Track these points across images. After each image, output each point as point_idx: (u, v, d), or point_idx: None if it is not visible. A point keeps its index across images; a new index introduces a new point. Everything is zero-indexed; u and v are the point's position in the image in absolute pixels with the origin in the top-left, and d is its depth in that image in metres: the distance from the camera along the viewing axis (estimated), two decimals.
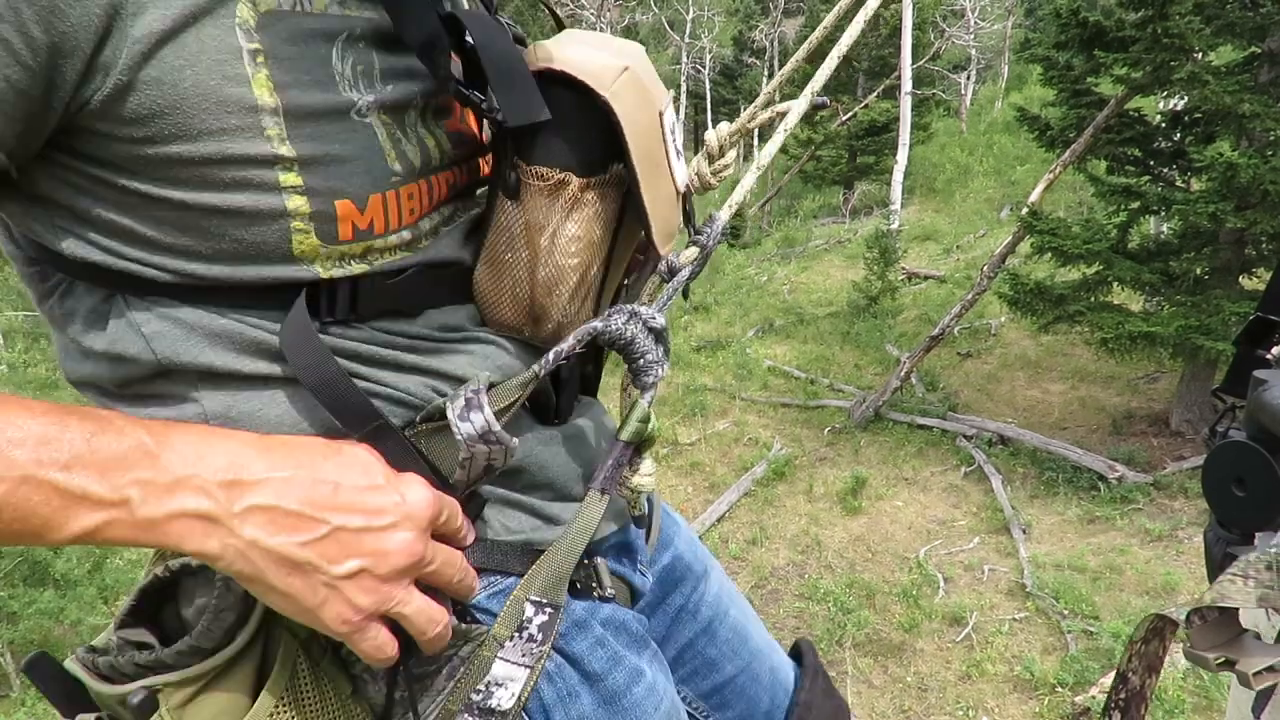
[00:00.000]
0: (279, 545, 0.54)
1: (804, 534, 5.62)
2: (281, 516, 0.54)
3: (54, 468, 0.49)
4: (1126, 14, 5.66)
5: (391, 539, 0.57)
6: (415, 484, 0.60)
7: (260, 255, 0.60)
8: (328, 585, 0.56)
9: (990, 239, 11.95)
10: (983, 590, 4.72)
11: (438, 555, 0.61)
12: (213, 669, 0.60)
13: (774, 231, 17.92)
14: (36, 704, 6.50)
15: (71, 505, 0.50)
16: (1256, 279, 5.78)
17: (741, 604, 1.01)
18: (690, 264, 0.74)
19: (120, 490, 0.51)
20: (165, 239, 0.59)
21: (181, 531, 0.52)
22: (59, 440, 0.50)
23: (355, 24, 0.61)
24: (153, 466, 0.52)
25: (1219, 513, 0.84)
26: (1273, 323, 0.95)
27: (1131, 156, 6.13)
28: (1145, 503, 5.31)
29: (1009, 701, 3.84)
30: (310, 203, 0.59)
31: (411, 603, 0.60)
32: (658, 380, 0.70)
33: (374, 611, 0.58)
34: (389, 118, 0.63)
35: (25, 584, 7.06)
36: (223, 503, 0.53)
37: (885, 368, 8.32)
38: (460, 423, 0.62)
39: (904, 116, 13.61)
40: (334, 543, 0.56)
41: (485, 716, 0.68)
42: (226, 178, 0.57)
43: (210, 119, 0.55)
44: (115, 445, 0.51)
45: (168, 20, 0.53)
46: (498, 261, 0.70)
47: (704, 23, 24.81)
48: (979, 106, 22.83)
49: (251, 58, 0.56)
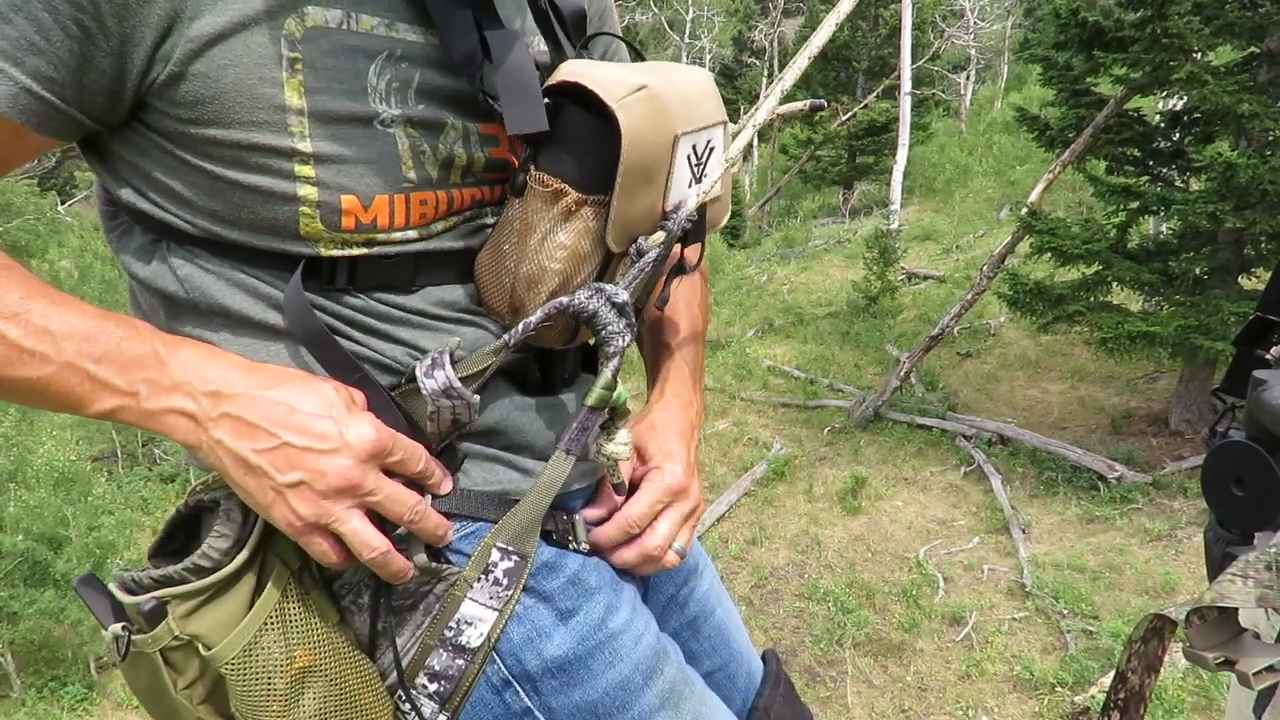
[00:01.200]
0: (237, 448, 0.66)
1: (804, 534, 5.62)
2: (244, 426, 0.66)
3: (90, 359, 0.64)
4: (1126, 14, 5.67)
5: (329, 461, 0.66)
6: (364, 422, 0.68)
7: (271, 230, 0.69)
8: (275, 490, 0.66)
9: (990, 239, 11.96)
10: (982, 590, 4.73)
11: (382, 489, 0.68)
12: (212, 585, 0.69)
13: (774, 231, 17.92)
14: (37, 704, 6.50)
15: (99, 389, 0.65)
16: (1256, 279, 5.78)
17: (728, 606, 1.04)
18: (657, 247, 0.76)
19: (133, 384, 0.65)
20: (198, 200, 0.69)
21: (172, 424, 0.67)
22: (98, 338, 0.65)
23: (399, 45, 0.70)
24: (160, 370, 0.66)
25: (1219, 513, 0.84)
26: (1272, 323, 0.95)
27: (1131, 156, 6.13)
28: (1145, 502, 5.31)
29: (1009, 701, 3.85)
30: (319, 193, 0.68)
31: (348, 523, 0.68)
32: (619, 350, 0.76)
33: (314, 521, 0.67)
34: (417, 131, 0.71)
35: (25, 584, 7.06)
36: (205, 407, 0.66)
37: (885, 368, 8.32)
38: (425, 379, 0.71)
39: (904, 116, 13.61)
40: (281, 455, 0.66)
41: (457, 653, 0.75)
42: (251, 161, 0.67)
43: (243, 111, 0.65)
44: (137, 349, 0.66)
45: (219, 25, 0.63)
46: (496, 249, 0.77)
47: (704, 23, 24.81)
48: (979, 106, 22.83)
49: (290, 64, 0.65)
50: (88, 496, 7.98)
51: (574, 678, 0.78)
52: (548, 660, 0.77)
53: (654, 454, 0.88)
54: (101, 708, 6.48)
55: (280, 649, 0.70)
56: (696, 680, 0.89)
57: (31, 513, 7.36)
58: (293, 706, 0.71)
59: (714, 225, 0.88)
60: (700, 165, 0.78)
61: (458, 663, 0.75)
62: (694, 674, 0.90)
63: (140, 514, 9.34)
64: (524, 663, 0.77)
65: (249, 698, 0.70)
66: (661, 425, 0.90)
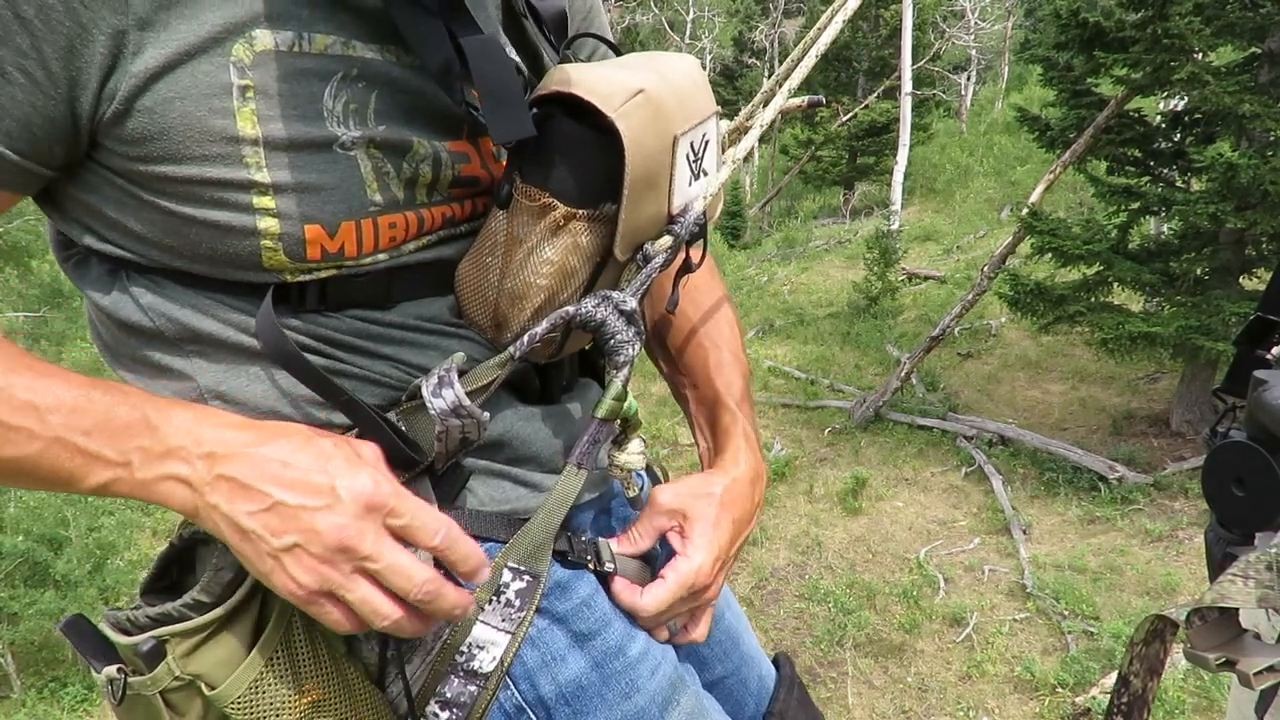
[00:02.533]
0: (231, 512, 0.61)
1: (804, 534, 5.62)
2: (238, 487, 0.61)
3: (79, 432, 0.60)
4: (1126, 14, 5.66)
5: (322, 518, 0.60)
6: (361, 474, 0.62)
7: (233, 263, 0.66)
8: (271, 555, 0.61)
9: (990, 239, 11.95)
10: (983, 591, 4.72)
11: (382, 556, 0.61)
12: (213, 621, 0.66)
13: (774, 232, 17.91)
14: (37, 704, 6.50)
15: (90, 463, 0.61)
16: (1256, 279, 5.77)
17: (737, 610, 1.03)
18: (664, 251, 0.74)
19: (125, 454, 0.61)
20: (152, 237, 0.65)
21: (167, 491, 0.62)
22: (86, 409, 0.61)
23: (354, 64, 0.66)
24: (152, 436, 0.62)
25: (1219, 513, 0.84)
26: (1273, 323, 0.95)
27: (1131, 157, 6.12)
28: (1145, 503, 5.30)
29: (1009, 702, 3.84)
30: (280, 224, 0.64)
31: (355, 591, 0.62)
32: (629, 359, 0.73)
33: (317, 589, 0.61)
34: (380, 152, 0.67)
35: (25, 584, 7.06)
36: (200, 471, 0.61)
37: (885, 368, 8.32)
38: (433, 399, 0.67)
39: (904, 117, 13.60)
40: (275, 515, 0.61)
41: (469, 679, 0.72)
42: (206, 196, 0.63)
43: (194, 145, 0.61)
44: (126, 415, 0.62)
45: (162, 58, 0.59)
46: (479, 262, 0.73)
47: (704, 23, 24.81)
48: (979, 107, 22.83)
49: (240, 93, 0.61)
50: (88, 497, 7.97)
51: (588, 705, 0.74)
52: (563, 685, 0.74)
53: (693, 535, 0.81)
54: (101, 708, 6.48)
55: (287, 686, 0.68)
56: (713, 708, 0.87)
57: (31, 513, 7.37)
58: None
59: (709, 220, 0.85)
60: (698, 161, 0.76)
61: (470, 689, 0.72)
62: (711, 702, 0.88)
63: (140, 514, 9.34)
64: (538, 688, 0.74)
65: None
66: (723, 506, 0.83)
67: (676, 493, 0.83)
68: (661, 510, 0.83)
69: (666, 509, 0.82)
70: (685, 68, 0.76)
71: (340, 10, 0.65)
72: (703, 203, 0.76)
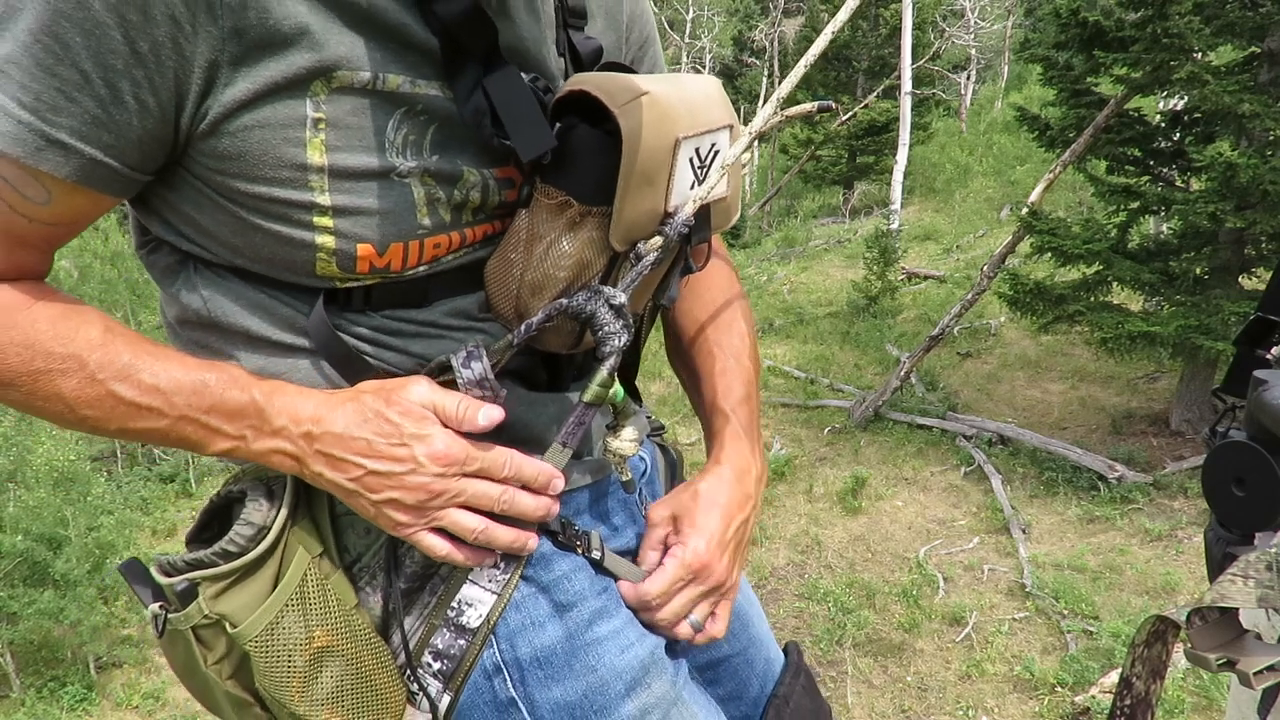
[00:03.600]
0: (335, 479, 0.74)
1: (804, 534, 5.62)
2: (335, 460, 0.73)
3: (200, 411, 0.72)
4: (1126, 14, 5.66)
5: (410, 480, 0.73)
6: (435, 439, 0.73)
7: (289, 268, 0.75)
8: (374, 505, 0.74)
9: (990, 239, 11.95)
10: (983, 590, 4.72)
11: (464, 490, 0.74)
12: (239, 568, 0.75)
13: (774, 231, 17.92)
14: (36, 703, 6.50)
15: (212, 435, 0.73)
16: (1256, 279, 5.77)
17: (749, 595, 1.07)
18: (654, 251, 0.78)
19: (240, 430, 0.73)
20: (221, 235, 0.74)
21: (278, 462, 0.74)
22: (204, 392, 0.72)
23: (419, 100, 0.73)
24: (259, 417, 0.73)
25: (1219, 513, 0.84)
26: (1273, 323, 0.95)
27: (1131, 156, 6.12)
28: (1145, 503, 5.31)
29: (1009, 701, 3.84)
30: (336, 242, 0.72)
31: (446, 518, 0.75)
32: (616, 350, 0.78)
33: (417, 524, 0.74)
34: (433, 180, 0.75)
35: (25, 584, 7.06)
36: (303, 448, 0.73)
37: (885, 368, 8.32)
38: (463, 369, 0.75)
39: (904, 116, 13.60)
40: (371, 479, 0.73)
41: (458, 633, 0.81)
42: (273, 211, 0.71)
43: (267, 169, 0.69)
44: (238, 398, 0.73)
45: (250, 92, 0.67)
46: (504, 258, 0.80)
47: (704, 23, 24.81)
48: (979, 106, 22.82)
49: (314, 125, 0.69)
50: (87, 496, 7.98)
51: (556, 673, 0.82)
52: (537, 650, 0.81)
53: (684, 528, 0.90)
54: (101, 708, 6.48)
55: (300, 629, 0.76)
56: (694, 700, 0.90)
57: (31, 513, 7.36)
58: (311, 684, 0.77)
59: (719, 227, 0.90)
60: (704, 168, 0.81)
61: (459, 642, 0.81)
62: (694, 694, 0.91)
63: (140, 514, 9.34)
64: (516, 649, 0.81)
65: (271, 674, 0.75)
66: (705, 497, 0.92)
67: (665, 503, 0.93)
68: (657, 522, 0.92)
69: (660, 519, 0.92)
70: (703, 84, 0.83)
71: (410, 52, 0.72)
72: (692, 206, 0.80)
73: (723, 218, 0.89)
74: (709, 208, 0.84)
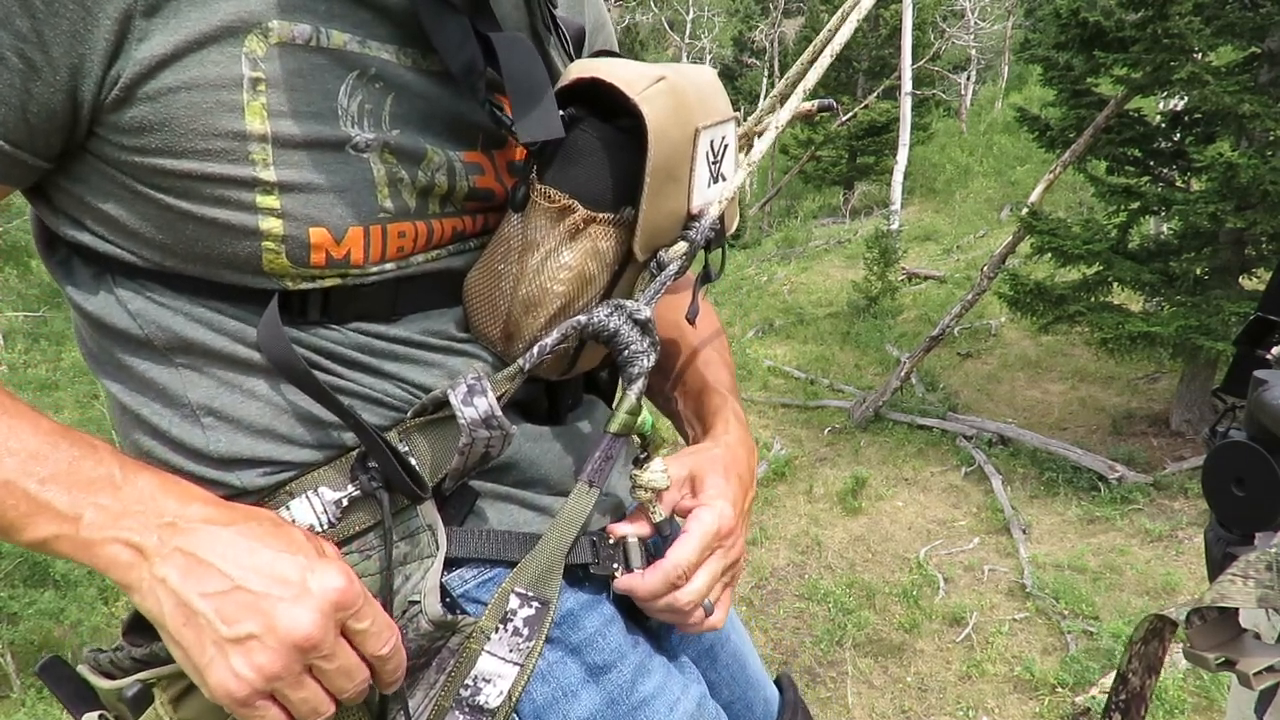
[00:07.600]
0: (181, 589, 0.55)
1: (804, 534, 5.62)
2: (195, 563, 0.56)
3: (33, 480, 0.56)
4: (1126, 14, 5.65)
5: (286, 611, 0.56)
6: (333, 570, 0.58)
7: (230, 265, 0.62)
8: (216, 644, 0.55)
9: (990, 239, 11.95)
10: (983, 590, 4.72)
11: (337, 656, 0.58)
12: None
13: (774, 232, 17.91)
14: (36, 704, 6.50)
15: (35, 514, 0.56)
16: (1256, 279, 5.77)
17: (742, 632, 1.01)
18: (679, 259, 0.71)
19: (77, 509, 0.56)
20: (145, 233, 0.61)
21: (111, 556, 0.57)
22: (47, 458, 0.57)
23: (372, 64, 0.62)
24: (112, 495, 0.57)
25: (1219, 513, 0.84)
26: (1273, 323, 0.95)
27: (1131, 157, 6.12)
28: (1145, 503, 5.30)
29: (1009, 702, 3.84)
30: (284, 226, 0.60)
31: (301, 690, 0.57)
32: (644, 371, 0.69)
33: (259, 687, 0.56)
34: (394, 158, 0.64)
35: (25, 584, 7.06)
36: (156, 541, 0.56)
37: (885, 368, 8.32)
38: (464, 407, 0.64)
39: (904, 117, 13.60)
40: (232, 601, 0.56)
41: (474, 714, 0.67)
42: (206, 192, 0.59)
43: (196, 140, 0.58)
44: (91, 471, 0.57)
45: (170, 45, 0.56)
46: (490, 269, 0.69)
47: (704, 23, 24.80)
48: (979, 107, 22.81)
49: (252, 85, 0.58)
50: None
51: None
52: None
53: (709, 488, 0.77)
54: None
55: None
56: None
57: None
58: None
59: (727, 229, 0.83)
60: (717, 163, 0.74)
61: None
62: None
63: None
64: None
65: None
66: (722, 461, 0.79)
67: (679, 462, 0.79)
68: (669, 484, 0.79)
69: (675, 479, 0.78)
70: (703, 72, 0.75)
71: (360, 7, 0.62)
72: (719, 207, 0.73)
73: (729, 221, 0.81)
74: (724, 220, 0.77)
